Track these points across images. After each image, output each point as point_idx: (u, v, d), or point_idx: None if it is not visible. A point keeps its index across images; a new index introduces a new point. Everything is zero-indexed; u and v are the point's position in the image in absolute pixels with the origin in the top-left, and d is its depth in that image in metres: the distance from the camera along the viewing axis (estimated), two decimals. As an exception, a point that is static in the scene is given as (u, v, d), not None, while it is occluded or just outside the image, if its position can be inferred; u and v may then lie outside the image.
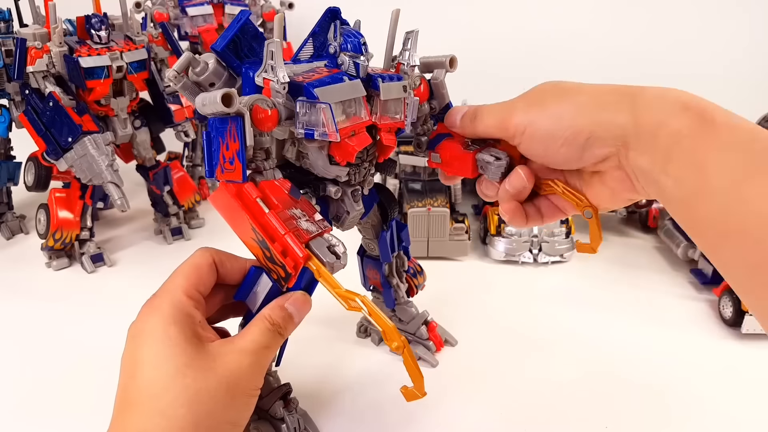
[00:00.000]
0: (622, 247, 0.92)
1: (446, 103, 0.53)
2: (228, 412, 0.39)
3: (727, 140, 0.38)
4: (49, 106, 0.76)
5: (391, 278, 0.62)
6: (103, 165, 0.75)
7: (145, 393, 0.38)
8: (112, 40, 0.79)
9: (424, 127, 0.54)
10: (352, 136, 0.44)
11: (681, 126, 0.40)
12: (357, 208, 0.50)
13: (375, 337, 0.67)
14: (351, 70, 0.44)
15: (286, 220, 0.41)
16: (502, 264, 0.86)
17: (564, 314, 0.74)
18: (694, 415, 0.58)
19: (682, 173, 0.39)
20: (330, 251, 0.41)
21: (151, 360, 0.39)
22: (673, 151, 0.39)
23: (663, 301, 0.77)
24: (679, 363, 0.66)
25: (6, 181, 0.93)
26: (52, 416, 0.58)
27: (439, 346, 0.66)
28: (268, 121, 0.41)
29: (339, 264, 0.42)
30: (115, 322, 0.72)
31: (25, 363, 0.65)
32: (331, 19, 0.45)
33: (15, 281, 0.81)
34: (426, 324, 0.66)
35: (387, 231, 0.58)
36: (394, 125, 0.48)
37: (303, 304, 0.44)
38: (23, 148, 0.89)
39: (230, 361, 0.40)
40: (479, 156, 0.51)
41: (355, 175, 0.48)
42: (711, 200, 0.37)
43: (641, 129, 0.41)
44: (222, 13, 1.04)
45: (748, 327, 0.68)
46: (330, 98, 0.42)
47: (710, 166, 0.37)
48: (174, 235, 0.92)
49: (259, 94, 0.42)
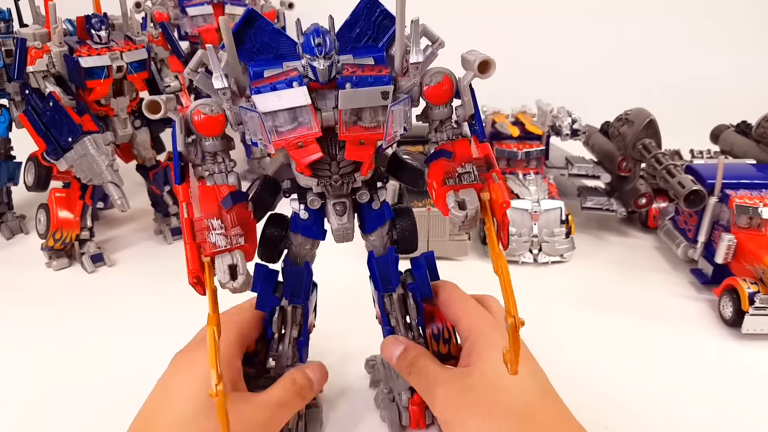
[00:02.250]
0: (622, 247, 0.92)
1: (470, 113, 0.44)
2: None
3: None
4: (49, 106, 0.76)
5: (390, 317, 0.53)
6: (103, 165, 0.75)
7: (166, 423, 0.42)
8: (112, 40, 0.79)
9: (438, 134, 0.45)
10: (300, 147, 0.41)
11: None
12: (339, 222, 0.47)
13: (375, 376, 0.61)
14: (309, 74, 0.40)
15: (199, 230, 0.41)
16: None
17: (564, 314, 0.74)
18: (694, 415, 0.58)
19: None
20: (229, 270, 0.40)
21: (183, 393, 0.43)
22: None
23: (663, 301, 0.77)
24: (679, 363, 0.66)
25: (6, 181, 0.93)
26: (51, 416, 0.58)
27: (414, 424, 0.54)
28: (207, 125, 0.41)
29: (231, 285, 0.40)
30: (115, 321, 0.73)
31: (25, 363, 0.65)
32: (369, 7, 0.42)
33: (15, 281, 0.81)
34: (412, 391, 0.53)
35: (383, 257, 0.51)
36: (369, 136, 0.42)
37: (322, 375, 0.51)
38: (23, 148, 0.89)
39: (249, 413, 0.44)
40: (447, 197, 0.42)
41: (327, 187, 0.45)
42: None
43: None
44: (222, 13, 1.04)
45: (748, 327, 0.68)
46: (264, 107, 0.40)
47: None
48: (174, 235, 0.92)
49: (206, 99, 0.41)
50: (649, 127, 0.88)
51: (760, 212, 0.72)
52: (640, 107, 0.91)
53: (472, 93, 0.44)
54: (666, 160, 0.83)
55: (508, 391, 0.45)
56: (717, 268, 0.77)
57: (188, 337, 0.57)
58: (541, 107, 0.97)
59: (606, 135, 0.99)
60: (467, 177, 0.42)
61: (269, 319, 0.52)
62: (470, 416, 0.44)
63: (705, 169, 0.80)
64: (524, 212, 0.86)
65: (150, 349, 0.67)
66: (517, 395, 0.45)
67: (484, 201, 0.42)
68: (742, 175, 0.79)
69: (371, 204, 0.48)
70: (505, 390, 0.45)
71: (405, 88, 0.43)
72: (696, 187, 0.76)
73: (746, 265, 0.71)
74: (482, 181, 0.43)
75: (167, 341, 0.68)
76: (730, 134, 1.05)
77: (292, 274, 0.50)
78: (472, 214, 0.41)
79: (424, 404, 0.53)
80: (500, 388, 0.45)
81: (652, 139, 0.87)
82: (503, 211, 0.41)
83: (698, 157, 1.06)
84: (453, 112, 0.45)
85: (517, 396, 0.45)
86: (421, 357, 0.50)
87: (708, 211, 0.77)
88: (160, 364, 0.64)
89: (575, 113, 0.96)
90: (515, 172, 0.92)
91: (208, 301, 0.40)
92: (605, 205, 0.94)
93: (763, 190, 0.76)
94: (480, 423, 0.44)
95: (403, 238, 0.51)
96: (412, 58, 0.41)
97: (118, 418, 0.57)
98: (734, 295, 0.70)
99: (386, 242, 0.51)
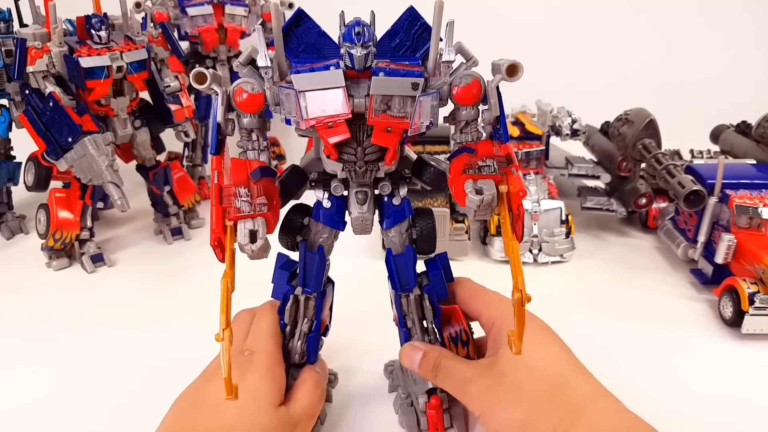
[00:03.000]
0: (622, 247, 0.92)
1: (495, 115, 0.45)
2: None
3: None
4: (49, 106, 0.76)
5: (407, 318, 0.54)
6: (103, 165, 0.75)
7: (216, 425, 0.44)
8: (112, 40, 0.79)
9: (463, 135, 0.46)
10: (329, 128, 0.42)
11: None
12: (359, 210, 0.49)
13: (394, 381, 0.60)
14: (347, 61, 0.42)
15: (226, 196, 0.43)
16: (502, 264, 0.86)
17: (564, 314, 0.74)
18: (694, 415, 0.58)
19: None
20: (250, 234, 0.41)
21: (236, 408, 0.45)
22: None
23: (663, 301, 0.77)
24: (679, 363, 0.66)
25: (6, 181, 0.93)
26: (51, 416, 0.58)
27: (432, 429, 0.54)
28: (247, 103, 0.43)
29: (249, 248, 0.41)
30: (115, 322, 0.73)
31: (25, 363, 0.65)
32: (410, 19, 0.45)
33: (15, 281, 0.81)
34: (429, 395, 0.54)
35: (402, 254, 0.51)
36: (396, 124, 0.43)
37: (325, 371, 0.55)
38: (23, 148, 0.89)
39: (286, 427, 0.47)
40: (466, 183, 0.43)
41: (351, 172, 0.46)
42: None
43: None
44: (222, 13, 1.03)
45: (748, 327, 0.68)
46: (302, 86, 0.42)
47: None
48: (174, 235, 0.92)
49: (248, 78, 0.43)
50: (649, 127, 0.88)
51: (760, 212, 0.72)
52: (640, 107, 0.91)
53: (499, 96, 0.45)
54: (666, 160, 0.83)
55: (537, 372, 0.45)
56: (717, 268, 0.77)
57: (188, 336, 0.57)
58: (541, 107, 0.97)
59: (606, 135, 0.99)
60: (487, 169, 0.44)
61: (281, 308, 0.52)
62: (506, 405, 0.45)
63: (705, 169, 0.80)
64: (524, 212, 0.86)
65: (150, 349, 0.67)
66: (546, 375, 0.45)
67: (501, 193, 0.43)
68: (742, 175, 0.79)
69: (392, 199, 0.50)
70: (534, 372, 0.45)
71: (435, 86, 0.44)
72: (696, 187, 0.76)
73: (746, 265, 0.71)
74: (502, 174, 0.44)
75: (167, 341, 0.68)
76: (730, 134, 1.05)
77: (306, 258, 0.50)
78: (488, 199, 0.42)
79: (441, 408, 0.54)
80: (529, 370, 0.45)
81: (652, 139, 0.87)
82: (519, 202, 0.42)
83: (698, 157, 1.06)
84: (480, 115, 0.46)
85: (547, 376, 0.45)
86: (443, 358, 0.50)
87: (708, 211, 0.77)
88: (159, 364, 0.64)
89: (575, 113, 0.96)
90: (515, 172, 0.92)
91: (225, 262, 0.41)
92: (605, 205, 0.94)
93: (763, 190, 0.76)
94: (514, 409, 0.44)
95: (422, 237, 0.51)
96: (444, 57, 0.43)
97: (118, 418, 0.58)
98: (734, 295, 0.70)
99: (405, 240, 0.51)
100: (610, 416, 0.44)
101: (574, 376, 0.46)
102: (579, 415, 0.43)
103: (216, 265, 0.41)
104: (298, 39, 0.44)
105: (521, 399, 0.44)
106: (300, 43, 0.44)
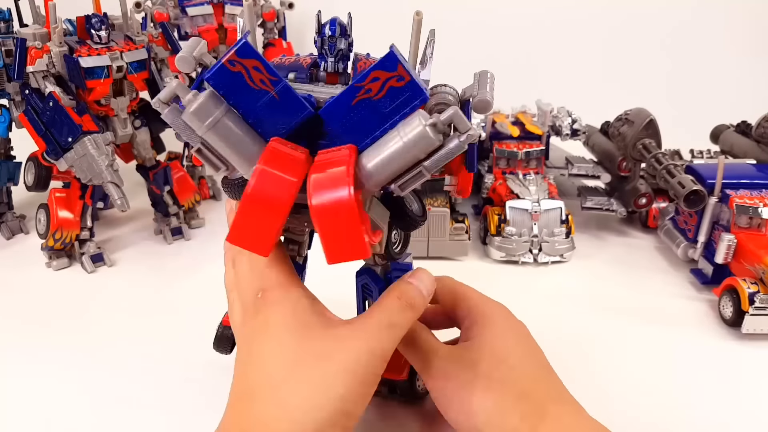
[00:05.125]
0: (622, 247, 0.92)
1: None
2: (345, 403, 0.38)
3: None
4: (49, 106, 0.76)
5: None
6: (103, 165, 0.75)
7: (265, 383, 0.38)
8: (112, 40, 0.79)
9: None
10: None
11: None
12: None
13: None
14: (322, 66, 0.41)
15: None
16: (502, 264, 0.86)
17: (564, 314, 0.74)
18: (693, 415, 0.58)
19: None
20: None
21: (272, 351, 0.39)
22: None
23: (663, 301, 0.77)
24: (679, 363, 0.66)
25: (6, 181, 0.93)
26: (51, 416, 0.58)
27: None
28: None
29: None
30: (115, 321, 0.73)
31: (25, 363, 0.65)
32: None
33: (15, 281, 0.81)
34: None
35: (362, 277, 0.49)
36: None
37: (431, 282, 0.44)
38: (23, 148, 0.89)
39: (351, 348, 0.39)
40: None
41: None
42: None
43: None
44: (222, 13, 1.04)
45: (748, 327, 0.68)
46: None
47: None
48: (174, 235, 0.92)
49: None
50: (649, 127, 0.88)
51: (760, 212, 0.72)
52: (640, 107, 0.91)
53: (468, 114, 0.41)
54: (666, 160, 0.83)
55: (508, 367, 0.45)
56: (717, 268, 0.77)
57: (188, 336, 0.58)
58: (541, 107, 0.97)
59: (606, 135, 0.99)
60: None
61: None
62: (473, 392, 0.44)
63: (705, 169, 0.80)
64: (524, 212, 0.86)
65: (150, 349, 0.67)
66: (517, 372, 0.45)
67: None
68: (742, 175, 0.79)
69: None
70: (505, 366, 0.45)
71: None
72: (696, 187, 0.76)
73: (746, 265, 0.71)
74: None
75: (167, 341, 0.68)
76: (730, 134, 1.05)
77: None
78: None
79: None
80: (501, 364, 0.45)
81: (652, 139, 0.87)
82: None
83: (698, 157, 1.06)
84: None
85: (517, 373, 0.45)
86: (421, 329, 0.48)
87: (708, 211, 0.77)
88: (159, 363, 0.64)
89: (575, 113, 0.96)
90: (515, 172, 0.92)
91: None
92: (605, 205, 0.94)
93: (763, 190, 0.76)
94: (482, 397, 0.43)
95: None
96: (422, 75, 0.39)
97: (118, 418, 0.58)
98: (734, 295, 0.70)
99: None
100: (572, 419, 0.44)
101: (542, 377, 0.46)
102: (544, 415, 0.43)
103: (216, 266, 0.41)
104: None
105: (490, 388, 0.43)
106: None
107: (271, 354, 0.39)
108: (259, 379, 0.39)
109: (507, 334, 0.47)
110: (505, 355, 0.45)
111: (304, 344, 0.39)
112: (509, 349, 0.46)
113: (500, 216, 0.86)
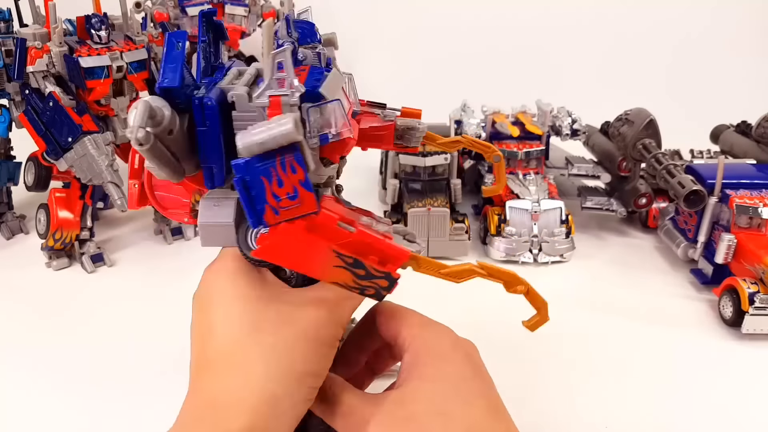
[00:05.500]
0: (622, 247, 0.92)
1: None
2: (308, 365, 0.37)
3: None
4: (49, 106, 0.76)
5: None
6: (103, 165, 0.75)
7: (221, 352, 0.37)
8: (112, 40, 0.79)
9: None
10: None
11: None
12: None
13: None
14: (316, 62, 0.39)
15: (368, 230, 0.37)
16: (502, 264, 0.86)
17: (564, 314, 0.74)
18: (694, 415, 0.58)
19: None
20: (408, 241, 0.39)
21: (224, 319, 0.38)
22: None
23: (663, 301, 0.77)
24: (679, 363, 0.66)
25: (6, 181, 0.93)
26: (51, 416, 0.58)
27: None
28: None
29: (420, 248, 0.40)
30: (114, 321, 0.73)
31: (25, 363, 0.65)
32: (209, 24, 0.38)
33: (15, 281, 0.81)
34: None
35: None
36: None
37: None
38: (23, 148, 0.89)
39: (309, 311, 0.38)
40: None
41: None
42: None
43: None
44: (222, 12, 1.04)
45: (748, 327, 0.68)
46: (333, 94, 0.36)
47: None
48: (174, 235, 0.92)
49: (293, 113, 0.33)
50: (649, 127, 0.88)
51: (760, 212, 0.72)
52: (640, 107, 0.91)
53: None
54: (666, 160, 0.83)
55: (449, 418, 0.38)
56: (717, 268, 0.77)
57: (188, 336, 0.57)
58: (541, 107, 0.97)
59: (606, 135, 0.99)
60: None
61: None
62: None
63: (705, 169, 0.80)
64: (524, 212, 0.86)
65: (149, 349, 0.67)
66: (460, 424, 0.38)
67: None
68: (742, 175, 0.79)
69: None
70: (446, 417, 0.38)
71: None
72: (696, 187, 0.76)
73: (746, 265, 0.71)
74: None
75: (167, 341, 0.68)
76: (730, 134, 1.05)
77: None
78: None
79: None
80: (441, 415, 0.38)
81: (652, 139, 0.87)
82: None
83: (698, 157, 1.06)
84: None
85: (460, 425, 0.38)
86: (336, 388, 0.41)
87: (708, 211, 0.77)
88: (159, 363, 0.64)
89: (575, 113, 0.96)
90: (515, 172, 0.92)
91: (432, 271, 0.41)
92: (605, 205, 0.94)
93: (763, 190, 0.76)
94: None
95: None
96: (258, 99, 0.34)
97: (118, 418, 0.58)
98: (734, 295, 0.70)
99: None
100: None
101: (488, 424, 0.39)
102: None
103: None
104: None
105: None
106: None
107: (225, 323, 0.38)
108: (218, 349, 0.38)
109: (447, 378, 0.40)
110: (446, 407, 0.38)
111: (257, 312, 0.38)
112: (452, 397, 0.39)
113: (500, 216, 0.86)
